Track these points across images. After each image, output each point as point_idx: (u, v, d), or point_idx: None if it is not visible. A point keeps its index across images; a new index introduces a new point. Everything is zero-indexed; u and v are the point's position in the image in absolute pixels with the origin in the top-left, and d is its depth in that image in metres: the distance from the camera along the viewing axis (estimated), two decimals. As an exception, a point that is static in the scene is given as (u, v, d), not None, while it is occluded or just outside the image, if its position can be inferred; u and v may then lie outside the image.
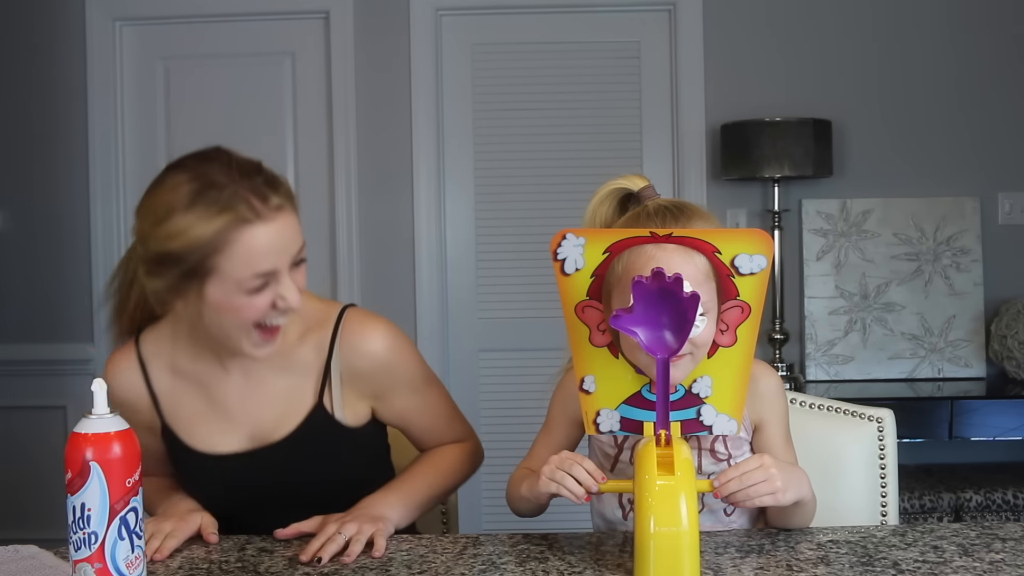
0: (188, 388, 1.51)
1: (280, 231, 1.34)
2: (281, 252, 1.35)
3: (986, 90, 3.52)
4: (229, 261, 1.32)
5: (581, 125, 3.58)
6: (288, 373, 1.50)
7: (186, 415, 1.51)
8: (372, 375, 1.51)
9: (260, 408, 1.50)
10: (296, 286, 1.38)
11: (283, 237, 1.35)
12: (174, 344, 1.51)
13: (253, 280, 1.33)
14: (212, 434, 1.50)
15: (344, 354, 1.49)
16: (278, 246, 1.34)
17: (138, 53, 3.65)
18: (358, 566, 1.28)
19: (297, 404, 1.49)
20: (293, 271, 1.38)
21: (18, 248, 3.65)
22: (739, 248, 1.22)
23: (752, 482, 1.23)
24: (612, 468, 1.44)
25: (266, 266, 1.33)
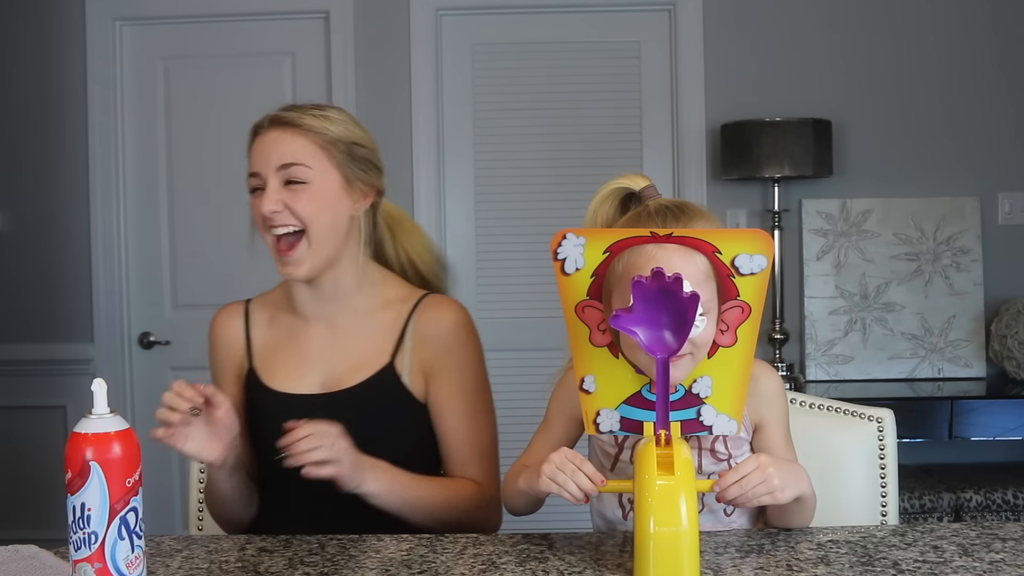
0: (278, 337, 1.68)
1: (270, 141, 1.57)
2: (264, 159, 1.57)
3: (986, 90, 3.52)
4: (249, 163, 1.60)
5: (581, 125, 3.58)
6: (367, 331, 1.63)
7: (271, 360, 1.66)
8: (435, 341, 1.61)
9: (337, 357, 1.63)
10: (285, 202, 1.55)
11: (271, 147, 1.57)
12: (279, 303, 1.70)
13: (250, 180, 1.58)
14: (289, 376, 1.63)
15: (419, 319, 1.62)
16: (263, 153, 1.57)
17: (138, 53, 3.65)
18: (358, 565, 1.28)
19: (371, 358, 1.61)
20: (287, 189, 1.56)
21: (18, 248, 3.65)
22: (739, 248, 1.22)
23: (751, 484, 1.23)
24: (612, 467, 1.44)
25: (254, 167, 1.58)
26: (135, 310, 3.67)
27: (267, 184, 1.56)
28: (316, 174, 1.57)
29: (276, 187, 1.56)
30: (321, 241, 1.57)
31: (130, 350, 3.66)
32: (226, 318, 1.72)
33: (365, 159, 1.64)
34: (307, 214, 1.55)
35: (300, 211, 1.55)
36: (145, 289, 3.67)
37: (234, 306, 1.74)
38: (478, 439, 1.64)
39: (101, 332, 3.62)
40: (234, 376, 1.70)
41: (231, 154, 3.63)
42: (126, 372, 3.65)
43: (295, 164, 1.56)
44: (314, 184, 1.56)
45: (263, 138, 1.59)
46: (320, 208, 1.56)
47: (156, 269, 3.67)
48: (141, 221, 3.66)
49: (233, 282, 3.65)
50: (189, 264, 3.65)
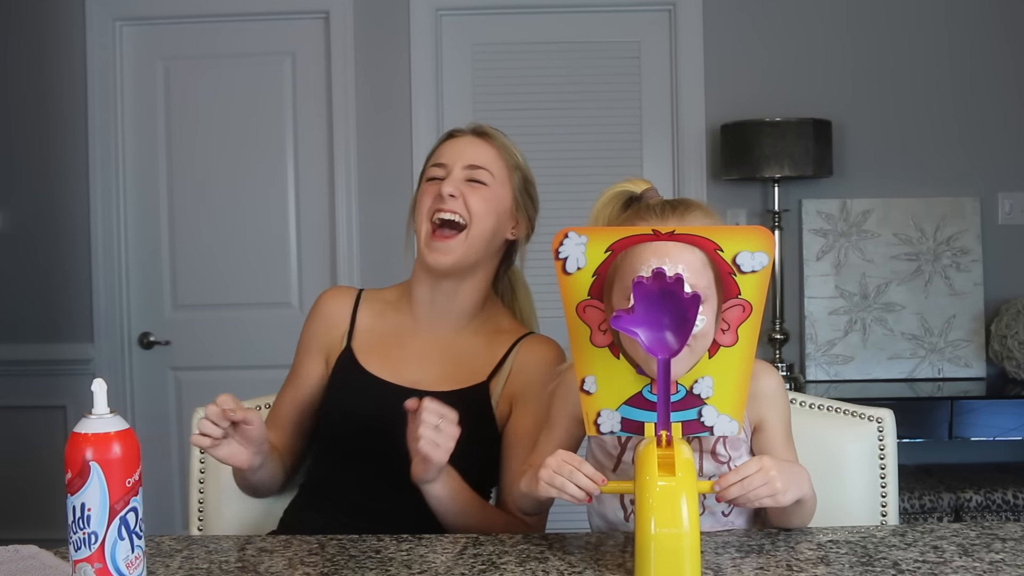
0: (383, 329, 1.72)
1: (464, 143, 1.70)
2: (457, 155, 1.67)
3: (986, 90, 3.52)
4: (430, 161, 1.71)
5: (581, 125, 3.58)
6: (471, 348, 1.68)
7: (372, 345, 1.70)
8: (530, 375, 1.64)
9: (437, 359, 1.68)
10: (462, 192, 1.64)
11: (462, 147, 1.69)
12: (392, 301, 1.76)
13: (432, 169, 1.68)
14: (386, 365, 1.67)
15: (522, 349, 1.67)
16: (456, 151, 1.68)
17: (138, 53, 3.65)
18: (358, 565, 1.28)
19: (469, 371, 1.65)
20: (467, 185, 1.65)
21: (18, 248, 3.65)
22: (741, 245, 1.21)
23: (752, 486, 1.23)
24: (615, 469, 1.44)
25: (441, 159, 1.68)
26: (135, 310, 3.67)
27: (451, 173, 1.65)
28: (496, 183, 1.67)
29: (459, 178, 1.65)
30: (476, 241, 1.64)
31: (130, 350, 3.66)
32: (337, 296, 1.77)
33: (532, 195, 1.76)
34: (477, 210, 1.63)
35: (472, 205, 1.63)
36: (145, 289, 3.67)
37: (347, 289, 1.81)
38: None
39: (101, 332, 3.62)
40: (321, 353, 1.73)
41: (231, 154, 3.65)
42: (126, 372, 3.65)
43: (482, 168, 1.67)
44: (491, 189, 1.66)
45: (459, 140, 1.71)
46: (489, 210, 1.65)
47: (156, 269, 3.67)
48: (141, 221, 3.66)
49: (233, 282, 3.67)
50: (189, 264, 3.65)
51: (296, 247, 3.65)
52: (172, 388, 3.66)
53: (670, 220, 1.34)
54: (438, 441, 1.42)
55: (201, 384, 3.57)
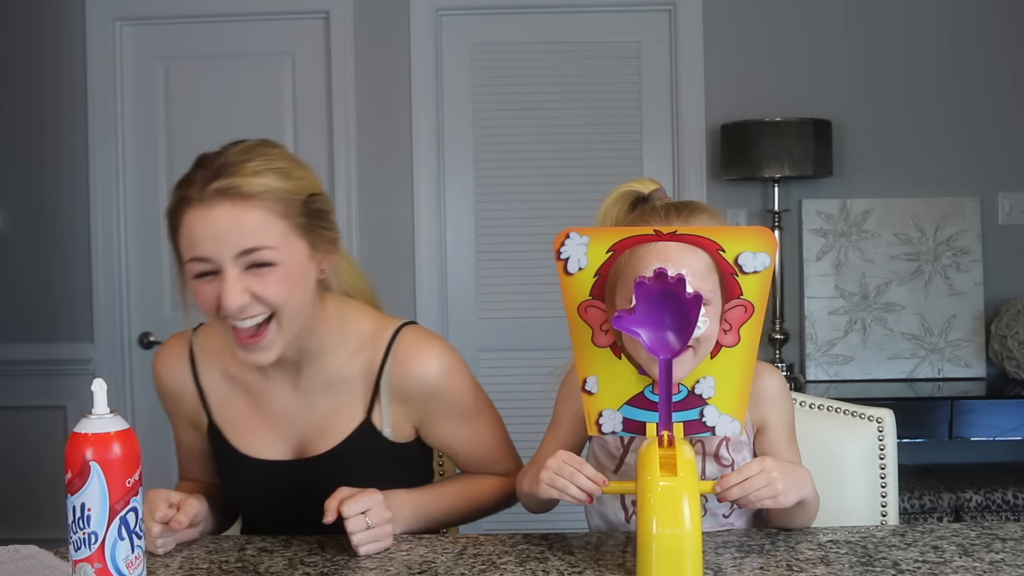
0: (237, 392, 1.51)
1: (218, 218, 1.28)
2: (216, 243, 1.29)
3: (986, 90, 3.52)
4: (180, 239, 1.33)
5: (581, 125, 3.58)
6: (336, 391, 1.47)
7: (233, 417, 1.51)
8: (422, 400, 1.48)
9: (307, 421, 1.48)
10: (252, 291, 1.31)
11: (220, 228, 1.28)
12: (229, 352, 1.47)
13: (193, 265, 1.31)
14: (257, 440, 1.49)
15: (395, 375, 1.46)
16: (212, 235, 1.29)
17: (138, 53, 3.65)
18: (357, 565, 1.28)
19: (345, 419, 1.47)
20: (251, 275, 1.31)
21: (18, 248, 3.65)
22: (743, 246, 1.21)
23: (754, 488, 1.23)
24: (617, 470, 1.43)
25: (200, 252, 1.30)
26: (135, 310, 3.67)
27: (224, 272, 1.29)
28: (283, 252, 1.32)
29: (237, 275, 1.30)
30: (292, 322, 1.36)
31: (130, 350, 3.66)
32: (169, 365, 1.53)
33: (322, 211, 1.40)
34: (279, 299, 1.33)
35: (271, 298, 1.32)
36: (145, 289, 3.67)
37: (176, 348, 1.54)
38: (489, 446, 1.57)
39: (101, 332, 3.62)
40: (189, 424, 1.55)
41: (231, 154, 3.64)
42: (126, 372, 3.65)
43: (260, 249, 1.30)
44: (283, 264, 1.32)
45: (207, 214, 1.29)
46: (292, 289, 1.34)
47: (156, 269, 3.67)
48: (141, 221, 3.66)
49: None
50: (189, 264, 3.65)
51: (296, 247, 3.64)
52: (172, 388, 3.66)
53: (674, 223, 1.34)
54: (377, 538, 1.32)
55: (201, 384, 3.57)
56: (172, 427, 1.61)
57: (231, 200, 1.29)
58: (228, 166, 1.31)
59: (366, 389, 1.47)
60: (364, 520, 1.31)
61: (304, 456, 1.48)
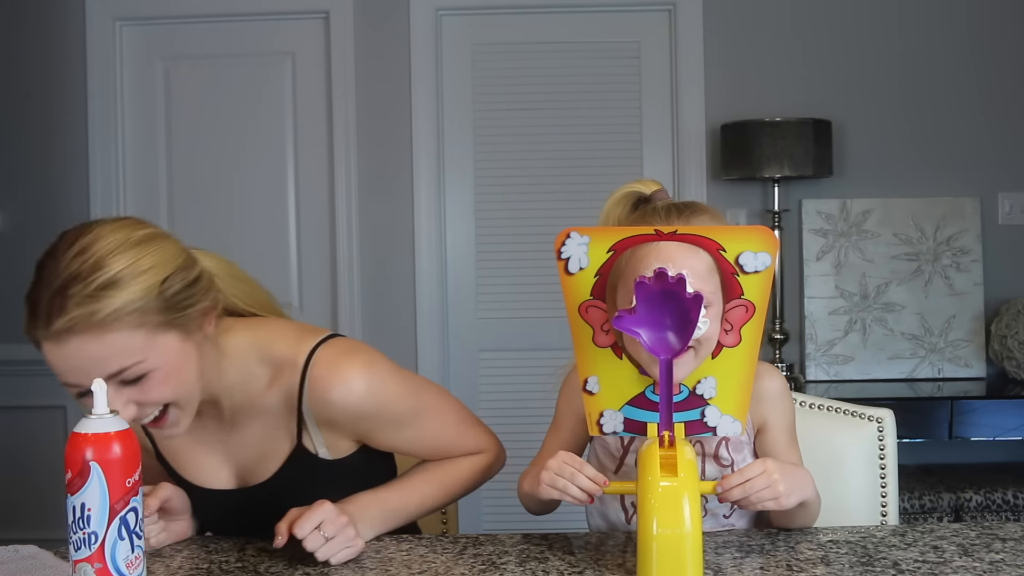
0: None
1: (73, 354, 1.21)
2: (82, 371, 1.21)
3: (986, 90, 3.52)
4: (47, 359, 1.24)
5: (581, 125, 3.58)
6: (262, 419, 1.42)
7: (174, 448, 1.48)
8: (351, 422, 1.42)
9: (241, 451, 1.45)
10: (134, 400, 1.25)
11: (77, 360, 1.21)
12: None
13: (69, 388, 1.25)
14: (199, 469, 1.47)
15: (315, 404, 1.38)
16: (74, 367, 1.21)
17: (138, 53, 3.65)
18: (357, 566, 1.28)
19: (277, 447, 1.42)
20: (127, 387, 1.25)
21: (18, 248, 3.64)
22: (744, 245, 1.21)
23: (755, 489, 1.23)
24: (617, 470, 1.43)
25: (71, 379, 1.23)
26: (135, 310, 3.67)
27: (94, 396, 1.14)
28: (153, 358, 1.24)
29: (113, 392, 1.22)
30: (189, 399, 1.32)
31: (130, 350, 3.66)
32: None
33: (181, 292, 1.28)
34: (165, 397, 1.28)
35: (156, 399, 1.27)
36: (145, 289, 3.67)
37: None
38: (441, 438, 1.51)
39: (101, 332, 3.62)
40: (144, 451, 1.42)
41: (231, 154, 3.64)
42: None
43: (126, 368, 1.23)
44: (158, 368, 1.25)
45: (60, 350, 1.21)
46: (176, 381, 1.28)
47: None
48: (141, 221, 3.66)
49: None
50: (189, 264, 3.65)
51: (296, 247, 3.65)
52: (172, 388, 3.66)
53: (675, 223, 1.34)
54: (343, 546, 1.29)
55: (201, 384, 3.57)
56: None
57: (79, 334, 1.20)
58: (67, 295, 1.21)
59: (290, 416, 1.40)
60: (320, 535, 1.28)
61: (248, 484, 1.46)
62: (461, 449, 1.52)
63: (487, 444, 1.54)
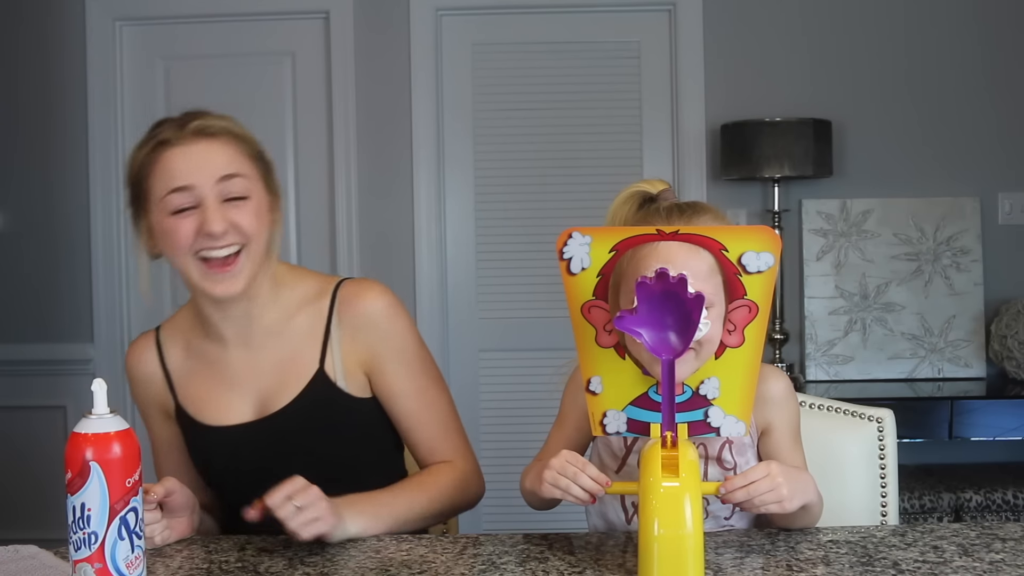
0: (197, 366, 1.58)
1: (198, 153, 1.43)
2: (198, 171, 1.42)
3: (986, 90, 3.52)
4: (154, 181, 1.44)
5: (581, 125, 3.58)
6: (288, 342, 1.53)
7: (195, 391, 1.56)
8: (366, 332, 1.53)
9: (263, 377, 1.53)
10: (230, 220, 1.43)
11: (200, 158, 1.43)
12: (190, 327, 1.60)
13: (172, 198, 1.43)
14: (219, 407, 1.54)
15: (341, 313, 1.53)
16: (194, 166, 1.42)
17: (138, 53, 3.65)
18: (357, 565, 1.28)
19: (299, 371, 1.52)
20: (228, 205, 1.43)
21: (18, 248, 3.65)
22: (746, 245, 1.21)
23: (758, 492, 1.23)
24: (619, 470, 1.43)
25: (180, 182, 1.42)
26: (135, 310, 3.67)
27: (205, 200, 1.42)
28: (252, 186, 1.47)
29: (216, 203, 1.43)
30: (257, 256, 1.47)
31: (130, 350, 3.66)
32: (138, 353, 1.62)
33: (271, 166, 1.54)
34: (251, 229, 1.45)
35: (245, 226, 1.44)
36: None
37: (144, 339, 1.64)
38: (439, 415, 1.58)
39: (101, 332, 3.62)
40: (161, 413, 1.61)
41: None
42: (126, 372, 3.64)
43: (237, 175, 1.44)
44: (253, 198, 1.46)
45: (186, 149, 1.43)
46: (260, 224, 1.47)
47: (156, 269, 3.66)
48: (141, 221, 3.66)
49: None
50: (189, 264, 3.65)
51: (296, 247, 3.65)
52: (172, 388, 3.66)
53: (677, 224, 1.33)
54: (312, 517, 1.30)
55: (201, 384, 3.57)
56: (147, 427, 1.65)
57: (206, 138, 1.44)
58: (196, 115, 1.47)
59: (316, 337, 1.53)
60: (291, 505, 1.30)
61: (265, 414, 1.52)
62: (449, 441, 1.58)
63: (466, 453, 1.60)
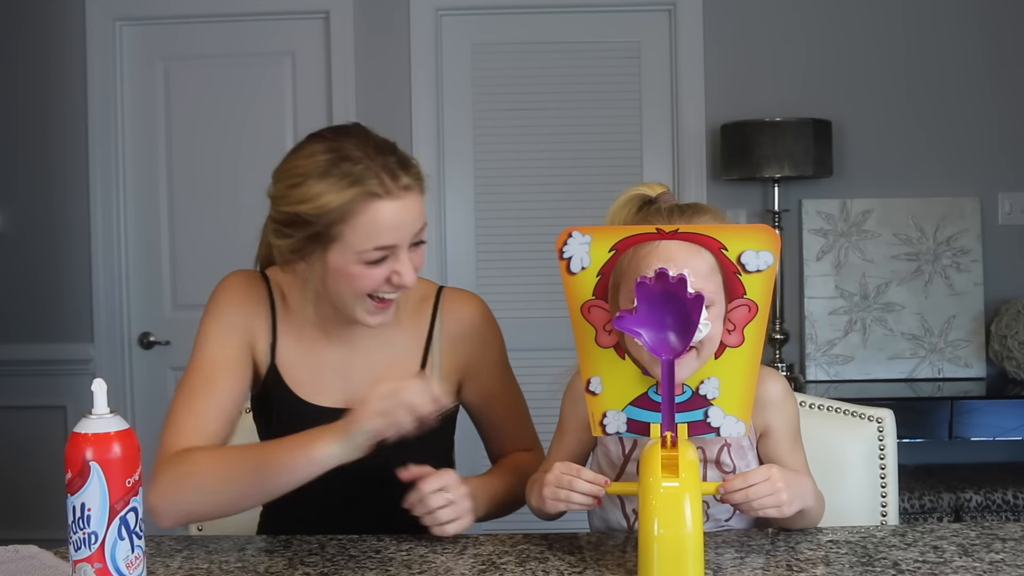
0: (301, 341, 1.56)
1: (405, 209, 1.41)
2: (403, 229, 1.41)
3: (986, 90, 3.52)
4: (353, 232, 1.39)
5: (581, 125, 3.58)
6: (393, 344, 1.56)
7: (294, 362, 1.55)
8: (468, 341, 1.58)
9: (364, 373, 1.54)
10: (413, 265, 1.45)
11: (407, 215, 1.42)
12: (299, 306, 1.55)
13: (373, 253, 1.40)
14: (314, 389, 1.54)
15: (445, 320, 1.58)
16: (401, 222, 1.41)
17: (138, 53, 3.65)
18: (357, 565, 1.28)
19: (401, 371, 1.54)
20: (412, 250, 1.45)
21: (18, 248, 3.65)
22: (745, 244, 1.21)
23: (758, 495, 1.23)
24: (618, 478, 1.42)
25: (387, 240, 1.40)
26: (135, 310, 3.67)
27: (399, 252, 1.42)
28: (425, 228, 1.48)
29: (408, 254, 1.44)
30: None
31: (130, 350, 3.66)
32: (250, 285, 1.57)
33: None
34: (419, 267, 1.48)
35: (419, 266, 1.47)
36: (145, 289, 3.67)
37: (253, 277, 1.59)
38: (523, 410, 1.67)
39: (101, 332, 3.62)
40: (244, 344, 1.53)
41: (231, 154, 3.64)
42: (126, 372, 3.65)
43: (423, 228, 1.46)
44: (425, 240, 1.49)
45: (395, 206, 1.40)
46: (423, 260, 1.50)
47: (156, 269, 3.67)
48: (141, 221, 3.66)
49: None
50: (189, 264, 3.65)
51: (296, 247, 3.64)
52: (172, 388, 3.66)
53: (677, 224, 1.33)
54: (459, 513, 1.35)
55: (201, 384, 3.57)
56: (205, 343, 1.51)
57: (414, 192, 1.43)
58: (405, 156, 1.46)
59: (420, 343, 1.57)
60: (444, 495, 1.34)
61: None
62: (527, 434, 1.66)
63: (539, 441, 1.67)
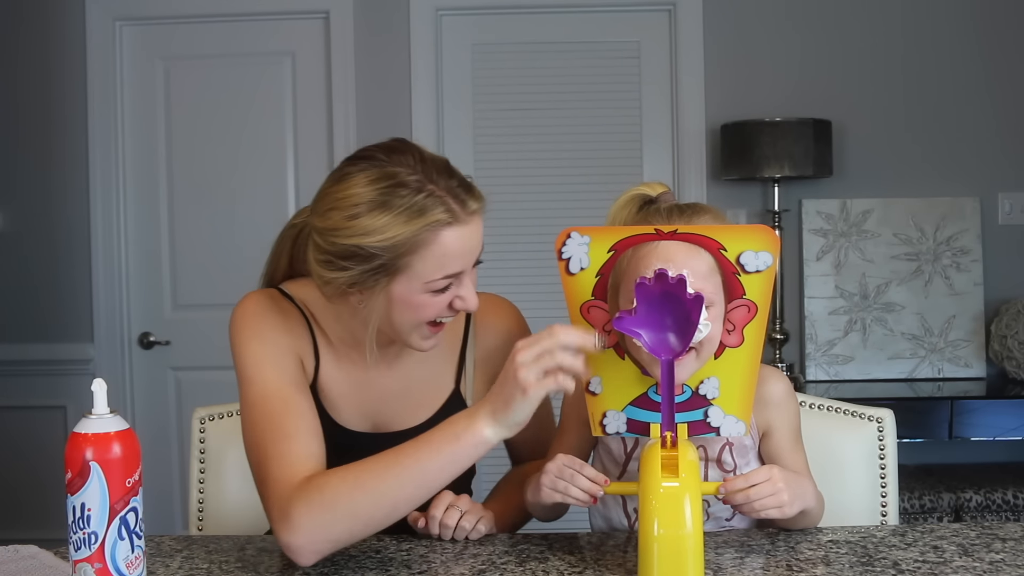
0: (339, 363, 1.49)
1: (472, 234, 1.38)
2: (471, 254, 1.39)
3: (986, 90, 3.52)
4: (422, 262, 1.34)
5: (581, 125, 3.58)
6: (429, 362, 1.52)
7: (331, 384, 1.48)
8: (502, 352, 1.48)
9: (399, 396, 1.51)
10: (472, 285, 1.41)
11: (474, 240, 1.39)
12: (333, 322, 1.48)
13: (440, 281, 1.35)
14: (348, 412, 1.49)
15: (479, 332, 1.55)
16: (470, 248, 1.38)
17: (138, 53, 3.65)
18: (357, 565, 1.28)
19: (436, 392, 1.52)
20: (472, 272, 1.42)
21: (18, 248, 3.65)
22: (744, 245, 1.21)
23: (759, 496, 1.23)
24: (620, 477, 1.42)
25: (455, 268, 1.36)
26: (135, 310, 3.67)
27: (464, 278, 1.38)
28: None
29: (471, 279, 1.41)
30: None
31: (130, 350, 3.66)
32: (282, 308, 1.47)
33: None
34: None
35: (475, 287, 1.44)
36: (145, 289, 3.67)
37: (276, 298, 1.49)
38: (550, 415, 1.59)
39: (101, 332, 3.62)
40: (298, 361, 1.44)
41: (231, 154, 3.64)
42: (126, 372, 3.65)
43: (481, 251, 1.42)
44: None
45: (463, 232, 1.36)
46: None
47: (156, 269, 3.67)
48: (141, 221, 3.66)
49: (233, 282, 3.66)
50: (189, 264, 3.65)
51: (296, 247, 3.64)
52: (172, 388, 3.66)
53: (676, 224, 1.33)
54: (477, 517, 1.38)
55: (201, 384, 3.57)
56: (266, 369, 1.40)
57: (479, 216, 1.40)
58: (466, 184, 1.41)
59: (454, 358, 1.53)
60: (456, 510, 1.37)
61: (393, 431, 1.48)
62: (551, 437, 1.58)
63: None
